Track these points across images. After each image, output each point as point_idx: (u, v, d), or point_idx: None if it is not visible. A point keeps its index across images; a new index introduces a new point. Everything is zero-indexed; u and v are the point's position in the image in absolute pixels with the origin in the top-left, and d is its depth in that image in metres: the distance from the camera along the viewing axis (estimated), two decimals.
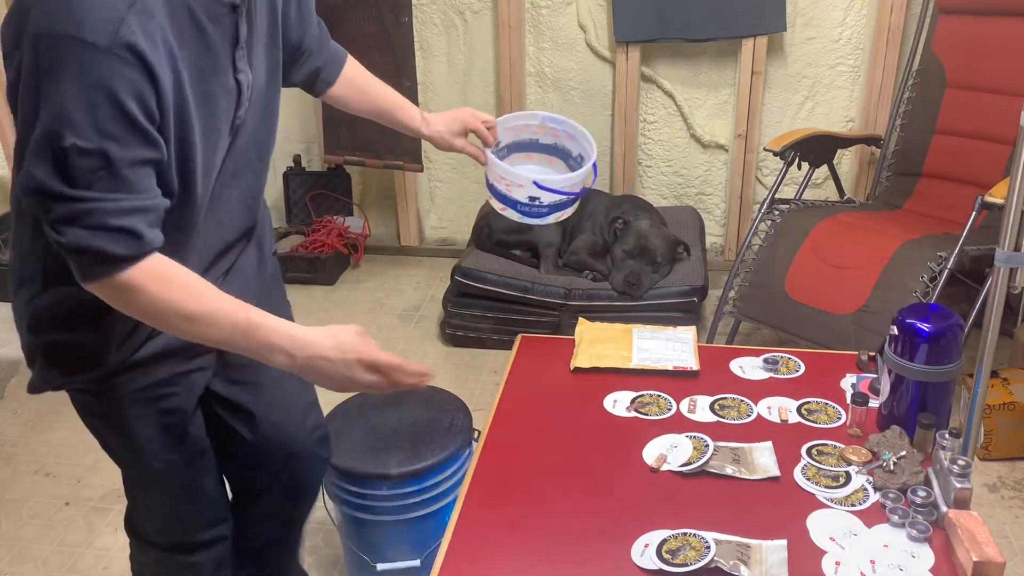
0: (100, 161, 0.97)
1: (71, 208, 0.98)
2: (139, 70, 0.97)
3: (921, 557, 1.09)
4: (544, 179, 1.57)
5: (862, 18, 3.03)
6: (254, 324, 1.08)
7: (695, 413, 1.42)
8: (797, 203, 2.70)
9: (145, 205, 1.02)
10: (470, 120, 1.56)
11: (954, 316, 1.28)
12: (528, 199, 1.59)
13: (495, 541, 1.16)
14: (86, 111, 0.95)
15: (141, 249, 1.02)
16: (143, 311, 1.06)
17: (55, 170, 0.96)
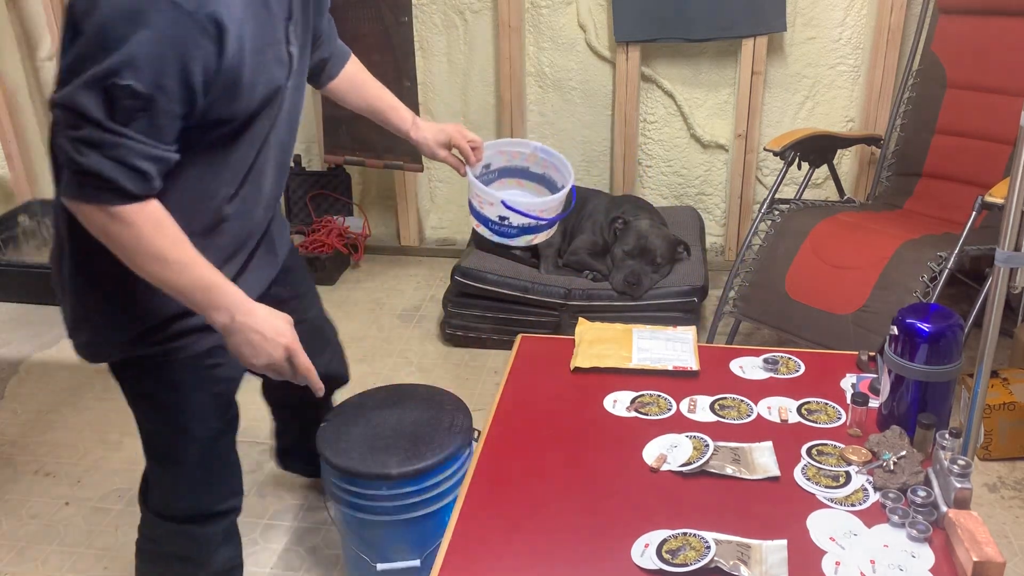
0: (145, 106, 1.06)
1: (102, 136, 1.06)
2: (213, 40, 1.07)
3: (921, 557, 1.09)
4: (512, 200, 1.62)
5: (862, 18, 3.03)
6: (215, 283, 1.19)
7: (695, 413, 1.42)
8: (797, 203, 2.70)
9: (164, 155, 1.11)
10: (455, 135, 1.63)
11: (954, 316, 1.28)
12: (498, 218, 1.65)
13: (495, 541, 1.16)
14: (154, 62, 1.04)
15: (148, 191, 1.11)
16: (122, 245, 1.13)
17: (102, 101, 1.04)
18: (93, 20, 1.03)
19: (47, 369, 2.82)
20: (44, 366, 2.84)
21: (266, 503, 2.16)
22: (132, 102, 1.05)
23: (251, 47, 1.14)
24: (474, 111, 3.37)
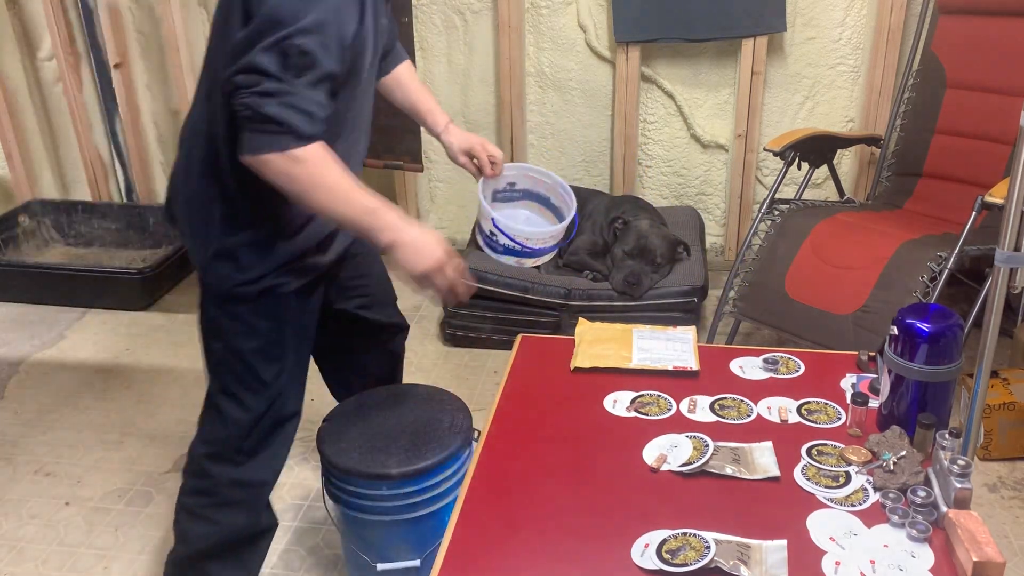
0: (312, 63, 1.26)
1: (278, 86, 1.25)
2: (358, 11, 1.32)
3: (921, 557, 1.09)
4: (502, 222, 1.72)
5: (862, 18, 3.03)
6: (377, 207, 1.37)
7: (695, 413, 1.42)
8: (797, 203, 2.70)
9: (324, 104, 1.30)
10: (477, 146, 1.78)
11: (954, 316, 1.28)
12: (488, 232, 1.75)
13: (495, 541, 1.16)
14: (320, 27, 1.26)
15: (316, 131, 1.30)
16: (300, 183, 1.31)
17: (278, 59, 1.25)
18: (268, 4, 1.25)
19: (47, 369, 2.82)
20: (44, 366, 2.84)
21: None
22: (302, 59, 1.25)
23: (371, 17, 1.36)
24: (474, 111, 3.37)
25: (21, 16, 3.58)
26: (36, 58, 3.64)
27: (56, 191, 3.84)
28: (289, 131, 1.27)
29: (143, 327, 3.09)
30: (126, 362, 2.85)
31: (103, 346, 2.96)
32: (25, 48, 3.62)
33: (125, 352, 2.92)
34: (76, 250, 3.68)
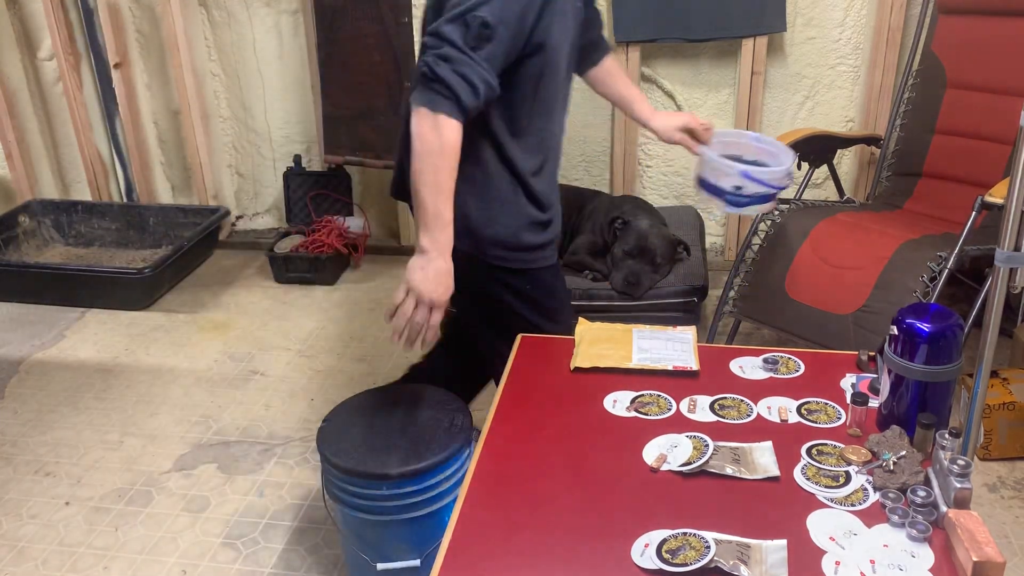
0: (490, 36, 1.41)
1: (455, 54, 1.40)
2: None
3: (921, 557, 1.09)
4: (751, 170, 1.89)
5: (862, 18, 3.03)
6: (447, 220, 1.49)
7: (695, 413, 1.42)
8: (797, 203, 2.70)
9: (492, 82, 1.44)
10: (690, 120, 1.95)
11: (954, 316, 1.28)
12: (733, 188, 1.90)
13: (495, 541, 1.16)
14: (504, 5, 1.41)
15: (473, 106, 1.44)
16: (423, 142, 1.44)
17: (460, 29, 1.40)
18: None
19: (47, 369, 2.82)
20: (44, 366, 2.84)
21: (266, 503, 2.16)
22: (482, 31, 1.39)
23: (559, 6, 1.50)
24: None
25: (21, 16, 3.58)
26: (36, 58, 3.64)
27: (56, 191, 3.84)
28: (451, 97, 1.41)
29: (143, 327, 3.09)
30: (126, 362, 2.85)
31: (103, 346, 2.96)
32: (25, 48, 3.62)
33: (125, 352, 2.92)
34: (76, 250, 3.68)
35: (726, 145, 2.00)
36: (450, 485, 1.65)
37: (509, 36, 1.43)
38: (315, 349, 2.90)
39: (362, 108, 3.17)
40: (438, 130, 1.43)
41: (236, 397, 2.63)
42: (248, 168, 3.76)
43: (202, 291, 3.36)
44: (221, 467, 2.29)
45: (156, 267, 3.18)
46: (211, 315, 3.17)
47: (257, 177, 3.78)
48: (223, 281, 3.44)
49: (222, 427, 2.47)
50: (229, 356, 2.87)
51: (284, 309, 3.20)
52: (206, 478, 2.25)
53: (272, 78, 3.55)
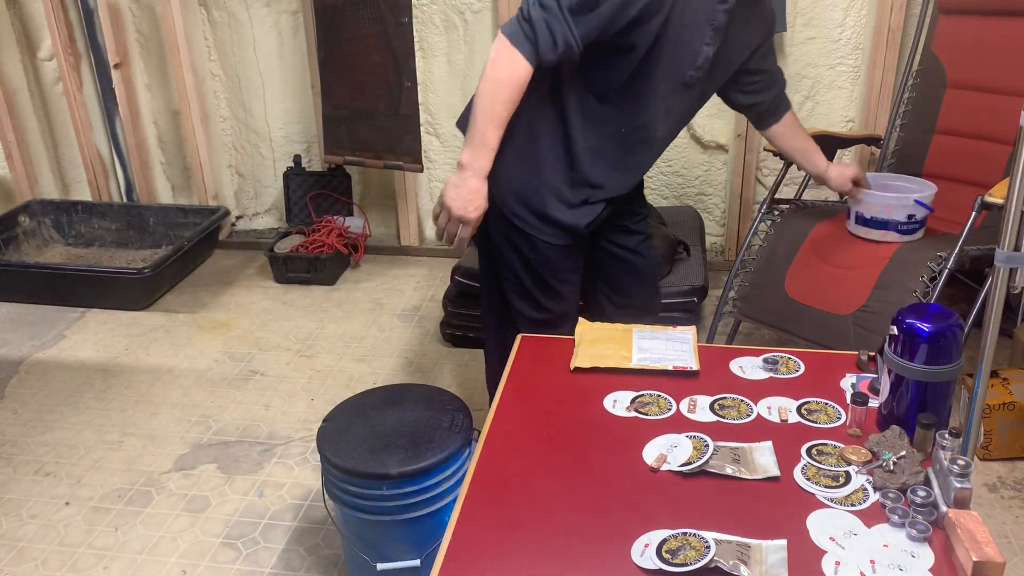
0: (593, 5, 1.51)
1: (552, 6, 1.52)
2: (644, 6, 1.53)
3: (921, 557, 1.09)
4: (920, 196, 2.23)
5: (862, 18, 3.03)
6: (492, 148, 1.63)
7: (695, 413, 1.42)
8: (797, 203, 2.69)
9: (574, 45, 1.54)
10: (859, 173, 2.21)
11: (954, 316, 1.28)
12: (907, 217, 2.24)
13: (495, 541, 1.16)
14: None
15: (548, 56, 1.54)
16: (495, 69, 1.57)
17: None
18: None
19: (47, 369, 2.82)
20: (44, 366, 2.84)
21: (266, 503, 2.16)
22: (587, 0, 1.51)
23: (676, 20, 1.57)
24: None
25: (21, 16, 3.58)
26: (36, 58, 3.64)
27: (56, 191, 3.84)
28: (532, 40, 1.53)
29: (143, 327, 3.09)
30: (126, 362, 2.85)
31: (103, 346, 2.96)
32: (25, 48, 3.62)
33: (125, 352, 2.92)
34: (76, 250, 3.68)
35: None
36: (450, 485, 1.65)
37: (608, 15, 1.52)
38: (315, 349, 2.90)
39: (362, 108, 3.17)
40: (509, 63, 1.55)
41: (236, 397, 2.63)
42: (248, 168, 3.76)
43: (202, 291, 3.36)
44: (221, 467, 2.29)
45: (156, 267, 3.18)
46: (211, 315, 3.17)
47: (257, 177, 3.78)
48: (223, 281, 3.44)
49: (222, 427, 2.47)
50: (229, 356, 2.87)
51: (284, 309, 3.20)
52: (206, 478, 2.25)
53: (272, 78, 3.55)
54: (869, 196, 2.24)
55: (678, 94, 1.72)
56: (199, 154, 3.59)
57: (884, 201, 2.24)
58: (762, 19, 1.80)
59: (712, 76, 1.76)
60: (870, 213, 2.26)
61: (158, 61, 3.58)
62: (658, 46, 1.60)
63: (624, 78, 1.65)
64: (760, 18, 1.79)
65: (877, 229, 2.27)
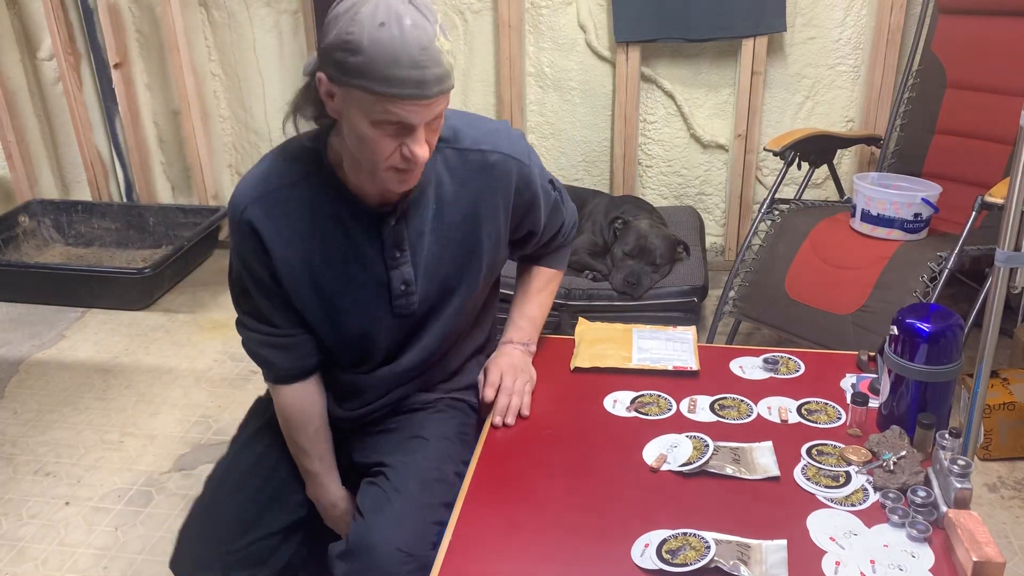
0: (245, 292, 1.37)
1: (239, 323, 1.41)
2: (255, 240, 1.30)
3: (921, 557, 1.09)
4: (927, 195, 2.26)
5: (862, 18, 3.03)
6: (311, 473, 1.46)
7: (695, 413, 1.42)
8: (797, 203, 2.70)
9: (279, 341, 1.38)
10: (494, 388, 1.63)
11: (954, 316, 1.28)
12: (913, 216, 2.27)
13: (495, 541, 1.16)
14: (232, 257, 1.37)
15: (277, 376, 1.41)
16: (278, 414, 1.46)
17: (232, 293, 1.40)
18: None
19: (47, 369, 2.82)
20: (44, 366, 2.84)
21: None
22: (239, 293, 1.40)
23: (324, 259, 1.34)
24: (474, 111, 3.36)
25: (21, 16, 3.58)
26: (36, 58, 3.64)
27: (56, 191, 3.84)
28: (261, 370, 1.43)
29: (143, 327, 3.09)
30: (126, 362, 2.85)
31: (103, 346, 2.96)
32: (25, 48, 3.62)
33: (125, 352, 2.92)
34: (76, 250, 3.68)
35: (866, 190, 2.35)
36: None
37: (260, 292, 1.38)
38: None
39: None
40: (274, 399, 1.46)
41: (236, 397, 2.63)
42: (248, 168, 3.76)
43: (202, 291, 3.36)
44: None
45: (156, 267, 3.18)
46: (211, 315, 3.17)
47: None
48: (223, 281, 3.42)
49: (222, 427, 2.47)
50: (229, 356, 2.87)
51: None
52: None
53: (272, 78, 3.54)
54: (877, 193, 2.29)
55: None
56: (199, 154, 3.59)
57: (892, 198, 2.27)
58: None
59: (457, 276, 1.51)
60: (877, 210, 2.30)
61: (158, 61, 3.58)
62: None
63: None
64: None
65: (883, 227, 2.31)
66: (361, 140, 1.18)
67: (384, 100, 1.12)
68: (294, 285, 1.32)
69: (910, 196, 2.29)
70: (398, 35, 1.10)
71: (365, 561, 1.27)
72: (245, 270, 1.33)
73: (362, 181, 1.28)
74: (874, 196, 2.31)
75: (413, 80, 1.11)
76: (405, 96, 1.12)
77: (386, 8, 1.11)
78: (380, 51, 1.09)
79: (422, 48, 1.11)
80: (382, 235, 1.33)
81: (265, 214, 1.28)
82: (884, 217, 2.31)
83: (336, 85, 1.15)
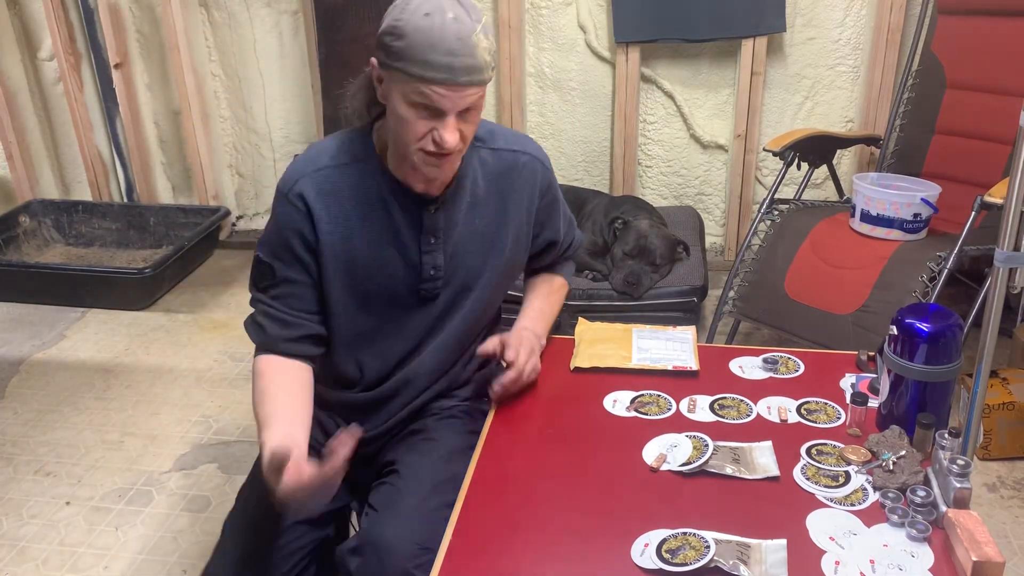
0: (269, 271, 1.39)
1: (252, 296, 1.42)
2: (303, 213, 1.36)
3: (921, 557, 1.09)
4: (926, 195, 2.26)
5: (862, 18, 3.03)
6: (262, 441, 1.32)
7: (695, 413, 1.42)
8: (797, 203, 2.70)
9: (284, 318, 1.38)
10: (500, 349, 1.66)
11: (954, 316, 1.28)
12: (913, 216, 2.27)
13: (495, 541, 1.16)
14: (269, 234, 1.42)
15: (267, 345, 1.39)
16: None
17: (254, 270, 1.42)
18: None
19: (47, 369, 2.82)
20: (44, 366, 2.84)
21: None
22: (262, 269, 1.43)
23: (366, 239, 1.39)
24: None
25: (21, 16, 3.58)
26: (36, 58, 3.64)
27: (56, 191, 3.84)
28: (254, 337, 1.41)
29: (143, 327, 3.09)
30: (126, 362, 2.86)
31: (103, 346, 2.96)
32: (25, 48, 3.62)
33: (125, 352, 2.92)
34: (76, 250, 3.68)
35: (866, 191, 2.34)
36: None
37: (287, 268, 1.42)
38: None
39: None
40: (254, 369, 1.40)
41: (236, 397, 2.63)
42: (248, 168, 3.77)
43: (202, 291, 3.36)
44: (221, 467, 2.29)
45: (156, 267, 3.18)
46: (211, 315, 3.17)
47: (257, 177, 3.78)
48: (223, 281, 3.44)
49: (222, 427, 2.47)
50: (229, 356, 2.87)
51: None
52: (206, 478, 2.25)
53: (272, 78, 3.55)
54: (876, 193, 2.29)
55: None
56: (199, 154, 3.59)
57: (891, 199, 2.28)
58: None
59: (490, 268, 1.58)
60: (876, 211, 2.30)
61: (158, 61, 3.58)
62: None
63: None
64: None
65: (883, 227, 2.32)
66: (399, 120, 1.26)
67: (419, 82, 1.21)
68: (331, 261, 1.37)
69: (909, 196, 2.30)
70: (439, 24, 1.19)
71: (381, 554, 1.28)
72: (282, 244, 1.37)
73: (404, 167, 1.34)
74: (874, 196, 2.30)
75: (445, 65, 1.20)
76: (438, 81, 1.20)
77: (435, 2, 1.21)
78: (420, 37, 1.19)
79: (459, 39, 1.20)
80: (422, 221, 1.39)
81: (316, 189, 1.36)
82: (884, 217, 2.30)
83: (383, 69, 1.25)
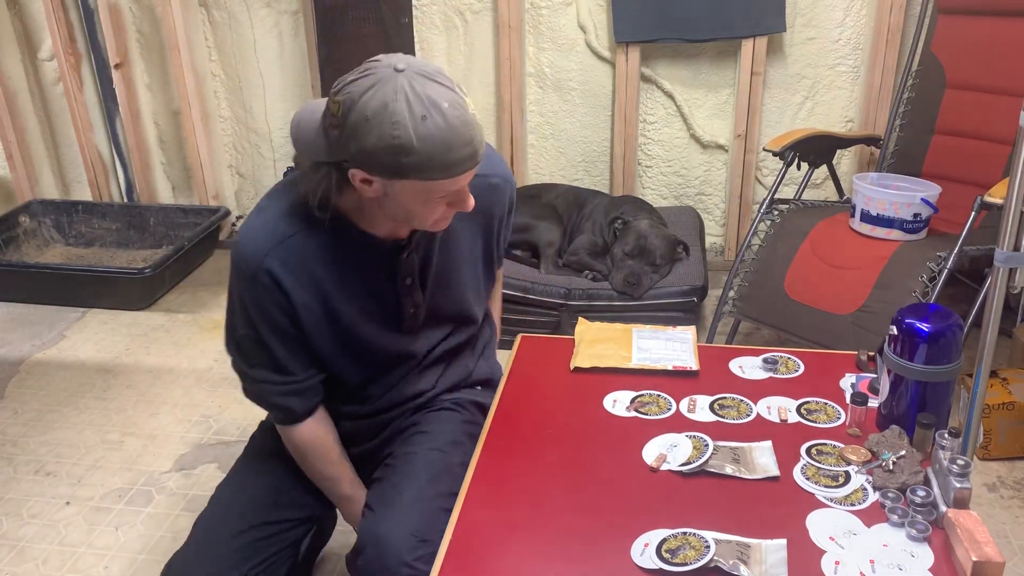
0: (259, 345, 1.33)
1: (245, 378, 1.40)
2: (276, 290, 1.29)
3: (920, 557, 1.09)
4: (926, 195, 2.27)
5: (862, 18, 3.03)
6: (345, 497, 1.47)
7: (695, 413, 1.42)
8: (797, 203, 2.70)
9: (296, 388, 1.38)
10: None
11: (953, 316, 1.28)
12: (913, 216, 2.27)
13: (495, 541, 1.16)
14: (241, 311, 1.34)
15: (294, 420, 1.41)
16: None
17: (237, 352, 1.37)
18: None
19: (47, 369, 2.82)
20: (44, 366, 2.84)
21: None
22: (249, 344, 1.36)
23: (342, 295, 1.36)
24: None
25: (21, 16, 3.58)
26: (36, 58, 3.64)
27: (56, 191, 3.84)
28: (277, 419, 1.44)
29: (143, 327, 3.09)
30: (126, 362, 2.86)
31: (103, 346, 2.96)
32: (25, 48, 3.62)
33: (125, 352, 2.92)
34: (76, 250, 3.68)
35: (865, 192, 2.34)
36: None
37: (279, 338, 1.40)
38: None
39: None
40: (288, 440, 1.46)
41: (236, 397, 2.62)
42: (248, 168, 3.77)
43: (202, 291, 3.36)
44: (222, 467, 2.29)
45: (157, 267, 3.18)
46: (212, 315, 3.17)
47: (257, 177, 3.78)
48: (223, 281, 3.42)
49: (222, 427, 2.47)
50: None
51: None
52: (207, 478, 2.25)
53: (272, 78, 3.55)
54: (876, 193, 2.30)
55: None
56: (199, 154, 3.59)
57: (891, 198, 2.29)
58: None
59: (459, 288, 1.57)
60: (876, 211, 2.30)
61: (158, 61, 3.58)
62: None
63: None
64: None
65: (882, 227, 2.32)
66: (410, 212, 1.23)
67: (444, 182, 1.17)
68: (314, 327, 1.35)
69: (909, 196, 2.30)
70: (443, 123, 1.11)
71: (380, 549, 1.30)
72: (264, 322, 1.32)
73: (392, 228, 1.32)
74: (873, 196, 2.30)
75: (468, 155, 1.16)
76: (465, 169, 1.17)
77: (416, 98, 1.10)
78: (433, 145, 1.12)
79: (465, 124, 1.14)
80: (394, 268, 1.37)
81: (282, 263, 1.29)
82: (883, 217, 2.30)
83: (385, 180, 1.16)
